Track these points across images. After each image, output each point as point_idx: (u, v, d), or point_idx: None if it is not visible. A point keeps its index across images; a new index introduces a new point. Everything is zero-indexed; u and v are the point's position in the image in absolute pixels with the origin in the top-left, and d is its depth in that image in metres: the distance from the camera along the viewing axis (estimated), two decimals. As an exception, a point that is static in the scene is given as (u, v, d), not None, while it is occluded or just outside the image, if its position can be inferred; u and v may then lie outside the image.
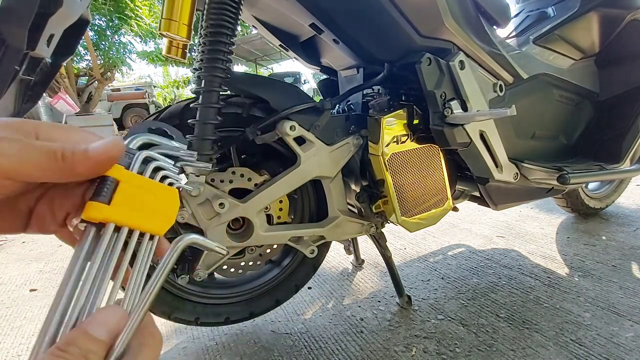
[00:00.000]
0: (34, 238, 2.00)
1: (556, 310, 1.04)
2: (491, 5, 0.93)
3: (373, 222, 0.98)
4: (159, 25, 0.68)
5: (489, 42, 0.93)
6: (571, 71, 1.17)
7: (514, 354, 0.89)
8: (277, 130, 0.84)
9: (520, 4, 1.34)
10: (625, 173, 1.21)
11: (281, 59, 14.60)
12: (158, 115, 0.82)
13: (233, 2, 0.70)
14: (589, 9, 1.13)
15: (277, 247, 0.96)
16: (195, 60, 0.77)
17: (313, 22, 0.84)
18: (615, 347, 0.89)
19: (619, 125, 1.20)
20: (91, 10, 3.86)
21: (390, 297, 1.16)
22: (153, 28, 8.58)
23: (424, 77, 0.83)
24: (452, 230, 1.65)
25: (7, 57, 0.46)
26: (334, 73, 1.18)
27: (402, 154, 0.89)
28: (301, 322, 1.07)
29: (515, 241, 1.50)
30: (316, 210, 1.00)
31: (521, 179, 1.02)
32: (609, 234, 1.50)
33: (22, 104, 0.57)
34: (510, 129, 1.03)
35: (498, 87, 0.96)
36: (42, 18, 0.49)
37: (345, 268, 1.37)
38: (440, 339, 0.95)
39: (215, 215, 0.82)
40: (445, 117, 0.85)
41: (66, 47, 0.60)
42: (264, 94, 0.85)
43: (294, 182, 0.86)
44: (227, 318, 0.97)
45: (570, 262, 1.30)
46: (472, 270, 1.29)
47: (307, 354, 0.94)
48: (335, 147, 0.89)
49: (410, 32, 0.82)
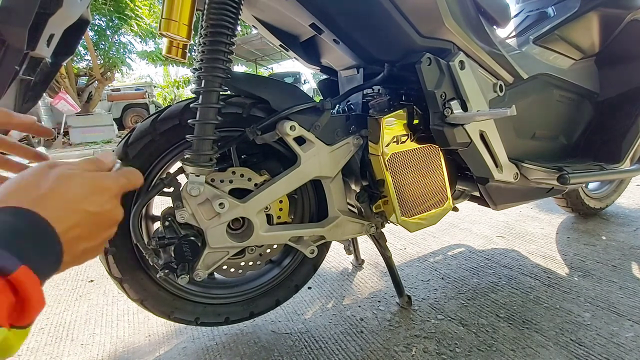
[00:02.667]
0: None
1: (556, 310, 1.04)
2: (491, 5, 0.93)
3: (373, 222, 0.98)
4: (159, 25, 0.68)
5: (489, 42, 0.93)
6: (571, 71, 1.17)
7: (514, 354, 0.89)
8: (277, 130, 0.84)
9: (520, 4, 1.34)
10: (625, 173, 1.21)
11: (281, 59, 14.60)
12: (158, 115, 0.82)
13: (233, 2, 0.70)
14: (589, 9, 1.13)
15: (277, 247, 0.96)
16: (195, 60, 0.77)
17: (313, 22, 0.84)
18: (615, 347, 0.89)
19: (619, 125, 1.20)
20: (91, 10, 3.86)
21: (390, 297, 1.16)
22: (153, 28, 8.59)
23: (424, 77, 0.83)
24: (452, 230, 1.65)
25: (7, 57, 0.46)
26: (334, 73, 1.18)
27: (402, 154, 0.89)
28: (301, 322, 1.07)
29: (515, 241, 1.50)
30: (316, 210, 1.00)
31: (521, 179, 1.02)
32: (609, 234, 1.50)
33: (22, 104, 0.57)
34: (511, 129, 1.03)
35: (498, 87, 0.96)
36: (42, 18, 0.49)
37: (345, 268, 1.37)
38: (440, 339, 0.95)
39: (215, 215, 0.82)
40: (445, 117, 0.85)
41: (66, 47, 0.60)
42: (264, 94, 0.85)
43: (294, 182, 0.87)
44: (227, 318, 0.97)
45: (570, 262, 1.30)
46: (472, 270, 1.29)
47: (307, 354, 0.94)
48: (335, 147, 0.89)
49: (410, 32, 0.82)
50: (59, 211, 0.34)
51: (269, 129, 0.85)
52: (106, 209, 0.39)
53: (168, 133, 0.82)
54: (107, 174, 0.42)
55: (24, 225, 0.31)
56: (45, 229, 0.33)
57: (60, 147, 7.48)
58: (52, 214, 0.33)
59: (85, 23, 0.61)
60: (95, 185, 0.39)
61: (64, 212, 0.35)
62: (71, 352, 0.98)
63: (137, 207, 0.79)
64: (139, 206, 0.80)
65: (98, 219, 0.39)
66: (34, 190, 0.34)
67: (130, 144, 0.81)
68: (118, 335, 1.06)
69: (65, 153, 6.52)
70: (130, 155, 0.80)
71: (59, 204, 0.35)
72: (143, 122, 0.83)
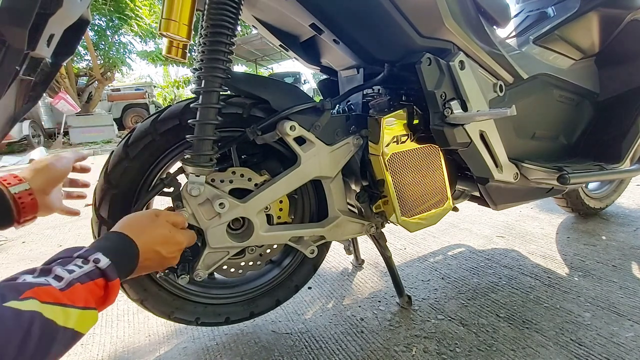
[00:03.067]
0: (33, 239, 2.00)
1: (556, 310, 1.04)
2: (491, 5, 0.93)
3: (373, 222, 0.98)
4: (159, 25, 0.68)
5: (489, 42, 0.93)
6: (571, 71, 1.17)
7: (514, 354, 0.89)
8: (277, 131, 0.84)
9: (520, 4, 1.34)
10: (625, 173, 1.21)
11: (281, 59, 14.59)
12: (158, 115, 0.82)
13: (233, 2, 0.70)
14: (589, 9, 1.13)
15: (277, 247, 0.96)
16: (195, 60, 0.77)
17: (313, 22, 0.84)
18: (615, 347, 0.89)
19: (619, 125, 1.19)
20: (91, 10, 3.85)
21: (390, 297, 1.16)
22: (153, 28, 8.59)
23: (424, 77, 0.83)
24: (452, 230, 1.65)
25: (7, 57, 0.46)
26: (334, 73, 1.18)
27: (402, 154, 0.89)
28: (301, 322, 1.07)
29: (515, 241, 1.50)
30: (316, 210, 1.00)
31: (521, 179, 1.02)
32: (609, 234, 1.50)
33: (22, 104, 0.57)
34: (511, 129, 1.03)
35: (498, 87, 0.96)
36: (42, 18, 0.49)
37: (345, 268, 1.37)
38: (441, 339, 0.95)
39: (216, 215, 0.82)
40: (445, 117, 0.85)
41: (66, 47, 0.60)
42: (264, 94, 0.85)
43: (294, 182, 0.87)
44: (228, 318, 0.97)
45: (570, 262, 1.30)
46: (472, 270, 1.29)
47: (308, 354, 0.94)
48: (335, 147, 0.89)
49: (410, 32, 0.82)
50: (145, 245, 0.53)
51: (269, 129, 0.85)
52: (172, 256, 0.59)
53: (168, 133, 0.82)
54: (183, 232, 0.64)
55: (125, 247, 0.51)
56: (135, 254, 0.52)
57: (60, 147, 7.48)
58: (142, 246, 0.52)
59: (85, 23, 0.61)
60: (173, 239, 0.60)
61: (148, 247, 0.54)
62: (71, 352, 0.98)
63: (137, 207, 0.79)
64: (139, 206, 0.80)
65: (163, 261, 0.58)
66: (139, 227, 0.55)
67: (130, 144, 0.81)
68: (118, 335, 1.06)
69: (65, 153, 6.51)
70: (130, 155, 0.80)
71: (148, 241, 0.54)
72: (143, 122, 0.83)
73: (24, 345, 0.34)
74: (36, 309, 0.36)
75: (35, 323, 0.35)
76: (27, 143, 7.23)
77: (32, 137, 7.34)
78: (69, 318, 0.39)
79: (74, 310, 0.40)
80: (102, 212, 0.81)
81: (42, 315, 0.36)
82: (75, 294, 0.41)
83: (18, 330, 0.34)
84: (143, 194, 0.82)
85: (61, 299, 0.39)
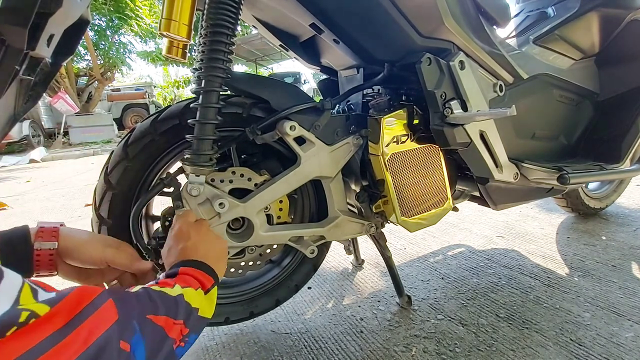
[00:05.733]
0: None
1: (556, 310, 1.04)
2: (491, 5, 0.93)
3: (373, 222, 0.98)
4: (159, 25, 0.67)
5: (489, 42, 0.93)
6: (571, 71, 1.17)
7: (514, 354, 0.89)
8: (277, 130, 0.84)
9: (520, 4, 1.34)
10: (625, 173, 1.21)
11: (281, 59, 14.59)
12: (158, 115, 0.82)
13: (233, 2, 0.70)
14: (589, 9, 1.13)
15: (277, 247, 0.96)
16: (195, 60, 0.77)
17: (313, 22, 0.84)
18: (615, 347, 0.89)
19: (619, 125, 1.19)
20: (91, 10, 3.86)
21: (390, 297, 1.16)
22: (153, 28, 8.59)
23: (424, 77, 0.83)
24: (452, 230, 1.65)
25: (7, 57, 0.46)
26: (334, 73, 1.18)
27: (402, 154, 0.89)
28: (301, 322, 1.07)
29: (515, 241, 1.50)
30: (316, 210, 1.00)
31: (521, 179, 1.02)
32: (609, 234, 1.50)
33: (22, 104, 0.57)
34: (511, 129, 1.03)
35: (498, 87, 0.96)
36: (42, 18, 0.48)
37: (345, 268, 1.38)
38: (440, 339, 0.95)
39: (215, 215, 0.82)
40: (445, 117, 0.85)
41: (66, 47, 0.60)
42: (264, 94, 0.85)
43: (294, 182, 0.87)
44: (227, 318, 0.97)
45: (570, 262, 1.30)
46: (472, 270, 1.29)
47: (307, 354, 0.94)
48: (335, 147, 0.89)
49: (410, 32, 0.82)
50: (210, 260, 0.64)
51: (269, 128, 0.85)
52: (225, 253, 0.72)
53: (168, 133, 0.82)
54: (221, 239, 0.74)
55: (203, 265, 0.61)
56: (210, 268, 0.61)
57: (60, 146, 7.49)
58: (209, 261, 0.63)
59: (85, 23, 0.61)
60: (221, 245, 0.71)
61: (212, 258, 0.65)
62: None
63: (137, 207, 0.79)
64: (139, 206, 0.79)
65: (223, 254, 0.71)
66: (213, 256, 0.66)
67: (130, 144, 0.81)
68: (118, 335, 1.06)
69: (65, 153, 6.52)
70: (130, 155, 0.80)
71: (211, 255, 0.65)
72: (143, 122, 0.83)
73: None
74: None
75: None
76: (27, 143, 7.24)
77: (32, 137, 7.34)
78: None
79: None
80: (102, 212, 0.81)
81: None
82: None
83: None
84: (143, 194, 0.82)
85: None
